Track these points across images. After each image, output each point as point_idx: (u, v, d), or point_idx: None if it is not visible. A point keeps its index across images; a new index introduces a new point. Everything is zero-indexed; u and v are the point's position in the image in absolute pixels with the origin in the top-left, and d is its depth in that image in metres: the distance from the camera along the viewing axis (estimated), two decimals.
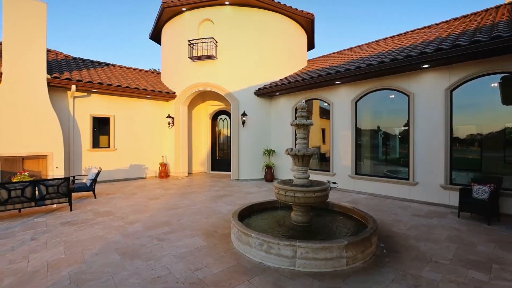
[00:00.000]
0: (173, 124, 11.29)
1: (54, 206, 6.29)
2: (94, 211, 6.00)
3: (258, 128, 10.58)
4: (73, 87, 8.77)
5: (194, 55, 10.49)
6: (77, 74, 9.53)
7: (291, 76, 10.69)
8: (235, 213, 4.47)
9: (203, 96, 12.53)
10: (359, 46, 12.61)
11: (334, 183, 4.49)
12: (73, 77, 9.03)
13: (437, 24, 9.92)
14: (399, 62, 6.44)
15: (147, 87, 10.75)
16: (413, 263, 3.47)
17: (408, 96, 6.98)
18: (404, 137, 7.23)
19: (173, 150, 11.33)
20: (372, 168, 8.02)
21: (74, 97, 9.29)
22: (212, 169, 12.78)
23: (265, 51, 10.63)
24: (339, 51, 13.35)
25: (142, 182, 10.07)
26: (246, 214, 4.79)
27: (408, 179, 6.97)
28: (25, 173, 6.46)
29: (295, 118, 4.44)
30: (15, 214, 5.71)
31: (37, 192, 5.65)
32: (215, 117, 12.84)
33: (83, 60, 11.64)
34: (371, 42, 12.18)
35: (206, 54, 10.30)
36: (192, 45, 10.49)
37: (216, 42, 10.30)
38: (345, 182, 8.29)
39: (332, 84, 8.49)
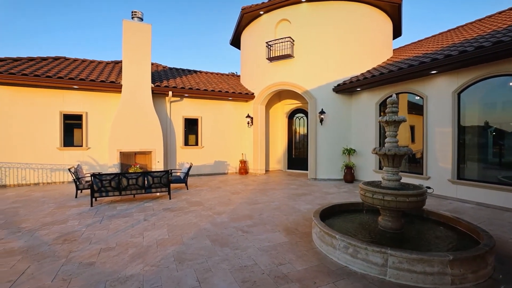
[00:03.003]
0: (252, 123, 11.88)
1: (158, 194, 7.48)
2: (187, 200, 6.87)
3: (337, 126, 10.12)
4: (170, 93, 10.23)
5: (271, 56, 10.78)
6: (173, 81, 11.08)
7: (374, 69, 9.81)
8: (316, 212, 4.40)
9: (280, 95, 12.77)
10: (462, 26, 10.63)
11: (428, 187, 3.93)
12: (170, 84, 10.55)
13: None
14: None
15: (229, 89, 11.63)
16: None
17: None
18: None
19: (252, 148, 11.92)
20: (480, 172, 6.63)
21: (171, 102, 10.82)
22: (288, 167, 12.90)
23: (344, 44, 10.06)
24: (433, 36, 11.55)
25: (224, 177, 10.97)
26: (327, 215, 4.66)
27: None
28: (137, 166, 7.90)
29: (380, 115, 4.05)
30: (131, 199, 7.04)
31: (145, 182, 6.84)
32: (291, 115, 12.91)
33: (177, 69, 13.45)
34: (480, 20, 10.08)
35: (283, 54, 10.44)
36: (269, 46, 10.80)
37: (293, 41, 10.32)
38: (443, 187, 7.13)
39: (426, 74, 7.39)
